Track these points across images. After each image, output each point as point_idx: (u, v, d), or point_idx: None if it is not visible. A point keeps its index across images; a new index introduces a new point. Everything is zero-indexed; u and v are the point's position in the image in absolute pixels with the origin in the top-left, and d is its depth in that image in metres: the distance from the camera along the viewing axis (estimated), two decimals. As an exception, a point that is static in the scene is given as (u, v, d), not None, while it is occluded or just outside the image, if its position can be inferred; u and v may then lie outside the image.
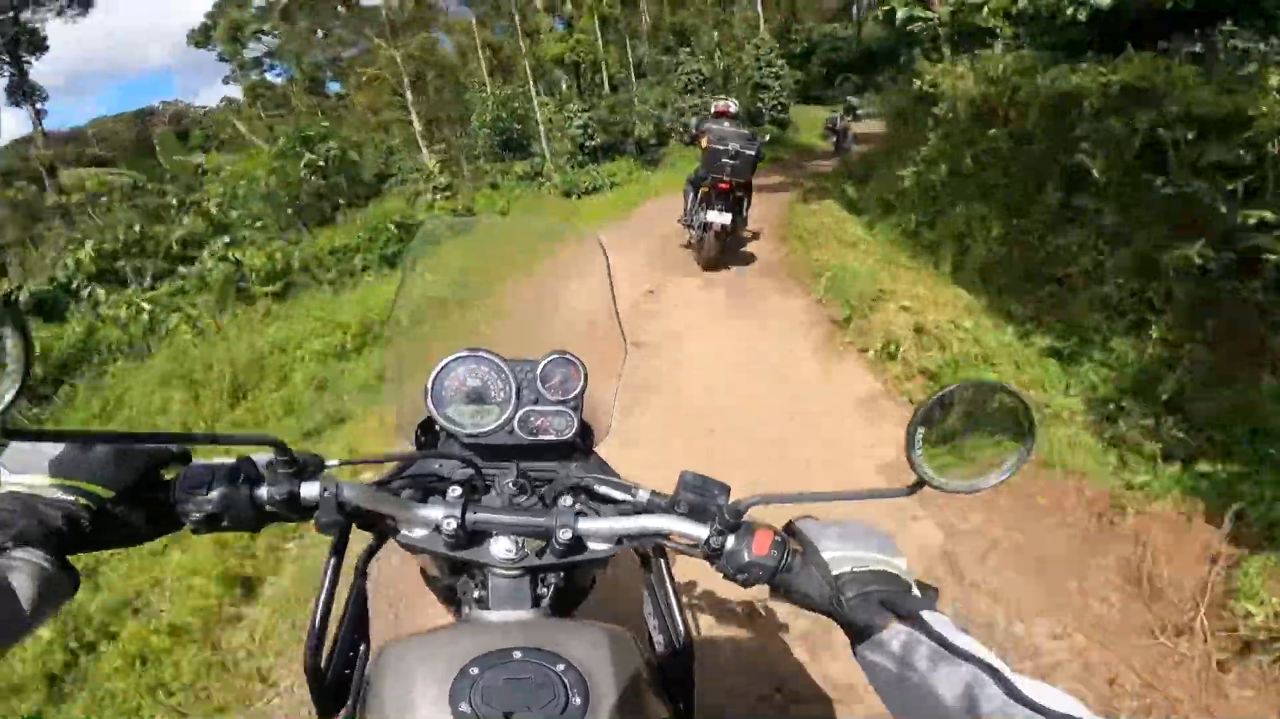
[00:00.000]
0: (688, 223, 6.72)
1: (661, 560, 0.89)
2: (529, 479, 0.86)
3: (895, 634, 0.63)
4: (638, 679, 0.67)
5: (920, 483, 0.70)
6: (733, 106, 6.65)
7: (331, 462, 0.76)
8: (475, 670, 0.62)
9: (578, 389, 0.93)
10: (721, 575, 0.75)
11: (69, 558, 0.62)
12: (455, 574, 0.86)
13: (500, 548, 0.76)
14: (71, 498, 0.63)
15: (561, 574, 0.82)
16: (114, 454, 0.67)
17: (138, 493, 0.67)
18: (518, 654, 0.64)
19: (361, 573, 0.85)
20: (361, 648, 0.83)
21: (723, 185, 5.97)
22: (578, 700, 0.61)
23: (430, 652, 0.66)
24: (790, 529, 0.78)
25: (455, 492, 0.79)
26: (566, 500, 0.82)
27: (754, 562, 0.72)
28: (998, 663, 0.57)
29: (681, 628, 0.82)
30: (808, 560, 0.73)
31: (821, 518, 0.79)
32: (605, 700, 0.62)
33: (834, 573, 0.71)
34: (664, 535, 0.77)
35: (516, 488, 0.85)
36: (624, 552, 0.81)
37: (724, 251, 6.57)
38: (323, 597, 0.75)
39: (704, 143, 6.03)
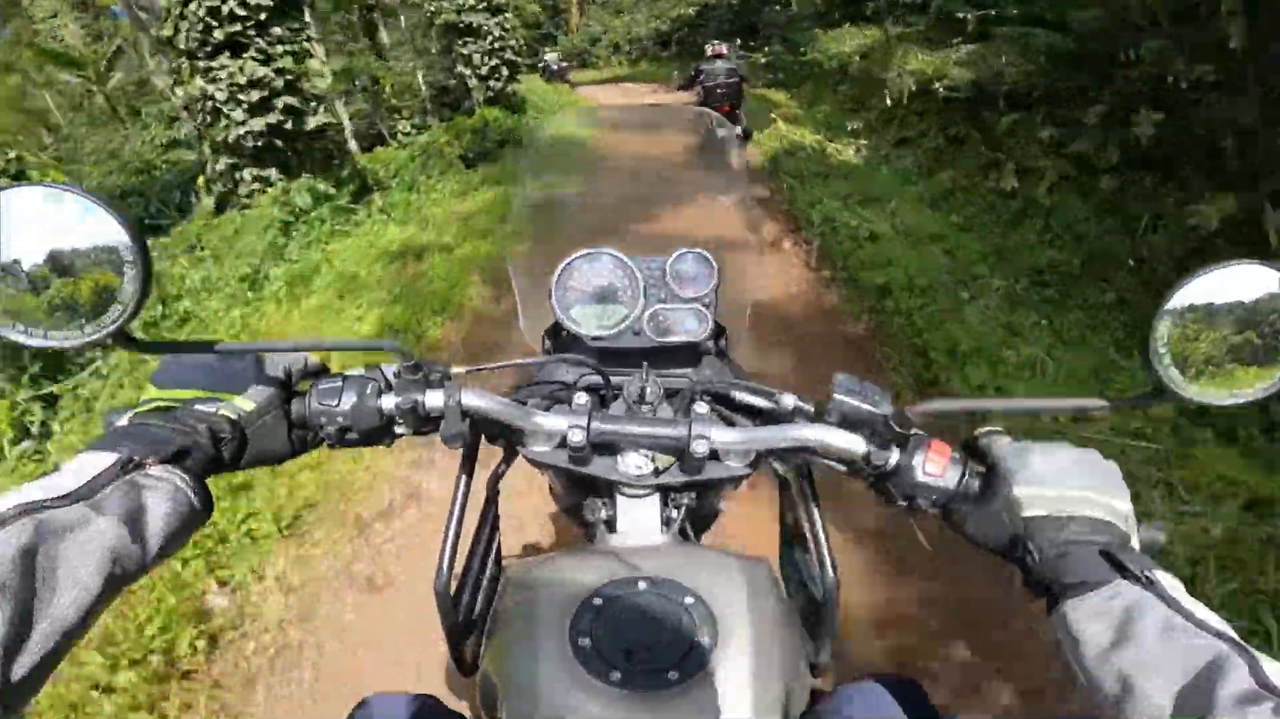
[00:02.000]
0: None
1: (805, 482, 0.76)
2: (659, 386, 0.76)
3: (1117, 594, 0.51)
4: (774, 618, 0.61)
5: (1159, 389, 0.56)
6: (724, 49, 8.19)
7: (456, 369, 0.69)
8: (598, 601, 0.59)
9: (710, 287, 0.84)
10: (884, 499, 0.66)
11: (208, 482, 0.58)
12: (583, 495, 0.80)
13: (629, 463, 0.70)
14: (213, 409, 0.60)
15: (694, 495, 0.75)
16: (254, 366, 0.64)
17: (278, 405, 0.64)
18: (643, 584, 0.60)
19: (492, 493, 0.83)
20: (491, 571, 0.81)
21: (723, 109, 7.22)
22: (705, 639, 0.55)
23: (555, 578, 0.63)
24: (975, 445, 0.65)
25: (581, 399, 0.70)
26: (701, 408, 0.71)
27: (924, 483, 0.62)
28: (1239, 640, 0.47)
29: (828, 562, 0.71)
30: (993, 489, 0.60)
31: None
32: (736, 640, 0.56)
33: (1026, 514, 0.58)
34: (812, 449, 0.66)
35: (646, 395, 0.75)
36: (760, 473, 0.73)
37: None
38: (453, 519, 0.72)
39: (698, 81, 7.78)
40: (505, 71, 11.13)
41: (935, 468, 0.62)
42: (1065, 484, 0.58)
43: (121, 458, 0.52)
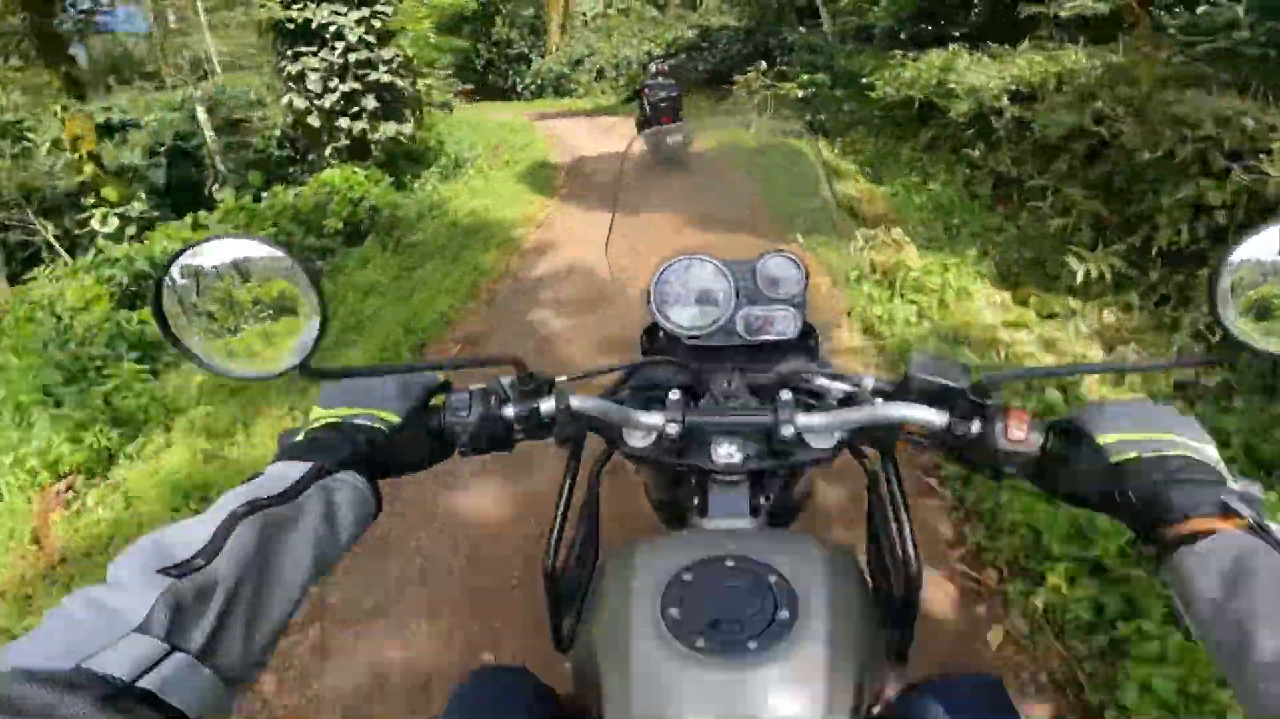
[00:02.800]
0: None
1: (890, 467, 0.78)
2: (747, 380, 0.80)
3: (1226, 542, 0.49)
4: (853, 601, 0.63)
5: (1233, 344, 0.56)
6: (665, 67, 8.98)
7: (561, 377, 0.75)
8: (688, 577, 0.62)
9: (799, 287, 0.89)
10: (971, 470, 0.69)
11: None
12: (677, 486, 0.87)
13: (721, 451, 0.74)
14: (370, 423, 0.67)
15: (782, 482, 0.81)
16: (396, 385, 0.70)
17: (417, 418, 0.70)
18: (730, 563, 0.63)
19: (595, 482, 0.88)
20: (591, 556, 0.86)
21: (665, 120, 7.81)
22: (785, 614, 0.58)
23: (649, 557, 0.65)
24: (1055, 413, 0.71)
25: (675, 395, 0.74)
26: (785, 395, 0.73)
27: (1008, 449, 0.64)
28: None
29: (911, 550, 0.73)
30: (1077, 444, 0.61)
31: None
32: (814, 617, 0.58)
33: (1114, 459, 0.58)
34: (895, 425, 0.69)
35: (734, 389, 0.79)
36: (844, 467, 0.79)
37: None
38: (560, 505, 0.78)
39: (644, 94, 8.34)
40: (372, 103, 6.46)
41: (1017, 433, 0.63)
42: (1149, 428, 0.58)
43: (315, 464, 0.59)
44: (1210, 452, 0.57)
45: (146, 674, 0.38)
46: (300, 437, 0.65)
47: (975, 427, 0.64)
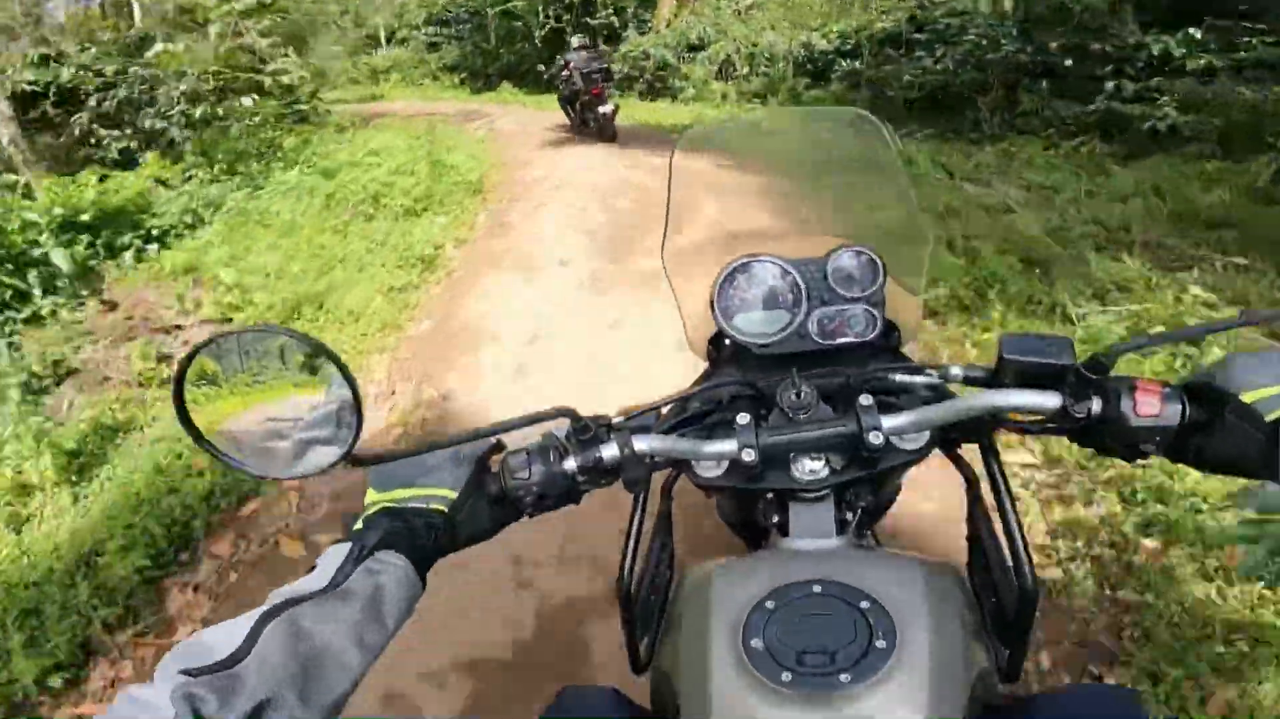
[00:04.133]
0: (580, 122, 8.76)
1: (993, 463, 0.71)
2: (817, 386, 0.73)
3: None
4: (957, 624, 0.59)
5: None
6: (585, 41, 8.88)
7: (617, 419, 0.72)
8: (771, 604, 0.59)
9: (875, 284, 0.82)
10: (1099, 452, 0.64)
11: (428, 565, 0.66)
12: (753, 505, 0.78)
13: (803, 468, 0.69)
14: (424, 504, 0.67)
15: (870, 492, 0.74)
16: (449, 458, 0.69)
17: (475, 487, 0.70)
18: (817, 588, 0.59)
19: (667, 496, 0.85)
20: (666, 574, 0.83)
21: (595, 91, 8.06)
22: (881, 644, 0.54)
23: (729, 581, 0.63)
24: (1187, 382, 0.61)
25: (743, 419, 0.70)
26: (865, 400, 0.68)
27: (1143, 426, 0.59)
28: None
29: (1024, 562, 0.66)
30: (1222, 408, 0.56)
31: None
32: (915, 646, 0.54)
33: (1269, 417, 0.53)
34: (994, 416, 0.65)
35: (806, 398, 0.72)
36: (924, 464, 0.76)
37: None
38: (634, 522, 0.75)
39: (570, 68, 8.29)
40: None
41: (1150, 408, 0.58)
42: None
43: (354, 549, 0.60)
44: None
45: None
46: (358, 524, 0.65)
47: (1096, 406, 0.60)
